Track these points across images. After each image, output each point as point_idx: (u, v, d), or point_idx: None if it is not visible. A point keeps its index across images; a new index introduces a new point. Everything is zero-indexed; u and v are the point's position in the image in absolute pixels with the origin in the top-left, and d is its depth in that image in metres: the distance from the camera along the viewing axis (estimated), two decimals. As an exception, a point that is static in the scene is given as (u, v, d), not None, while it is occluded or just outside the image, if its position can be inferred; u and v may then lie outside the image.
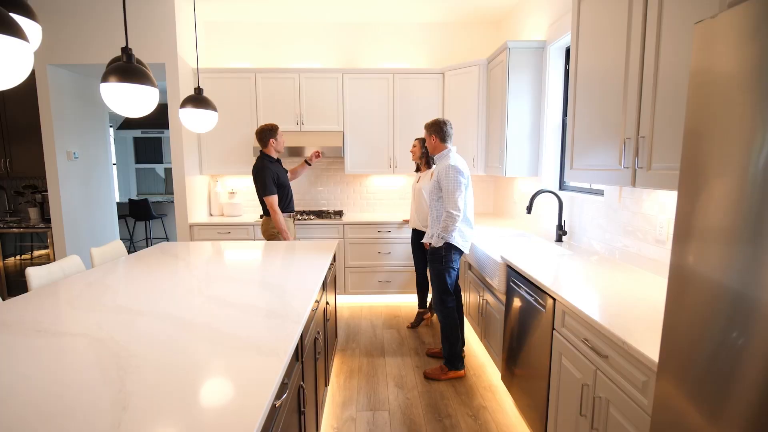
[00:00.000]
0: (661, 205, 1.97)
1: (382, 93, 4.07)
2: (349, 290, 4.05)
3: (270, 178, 3.16)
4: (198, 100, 2.24)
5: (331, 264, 2.66)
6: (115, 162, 7.89)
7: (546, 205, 3.19)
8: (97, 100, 4.50)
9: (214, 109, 2.32)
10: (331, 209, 4.48)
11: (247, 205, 4.52)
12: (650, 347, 1.21)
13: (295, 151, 3.94)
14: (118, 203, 6.73)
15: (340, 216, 4.08)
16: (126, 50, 1.62)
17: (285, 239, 3.29)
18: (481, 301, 2.93)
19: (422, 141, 3.31)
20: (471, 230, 2.71)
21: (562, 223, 2.86)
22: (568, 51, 3.12)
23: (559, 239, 2.84)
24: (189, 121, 2.25)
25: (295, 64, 4.37)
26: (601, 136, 1.92)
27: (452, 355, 2.74)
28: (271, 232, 3.31)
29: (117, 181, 8.06)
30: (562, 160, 3.23)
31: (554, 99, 3.20)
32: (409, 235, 3.96)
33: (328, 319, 2.40)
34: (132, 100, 1.57)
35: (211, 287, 1.84)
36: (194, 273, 2.09)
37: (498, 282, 2.48)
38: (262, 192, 3.21)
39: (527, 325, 2.11)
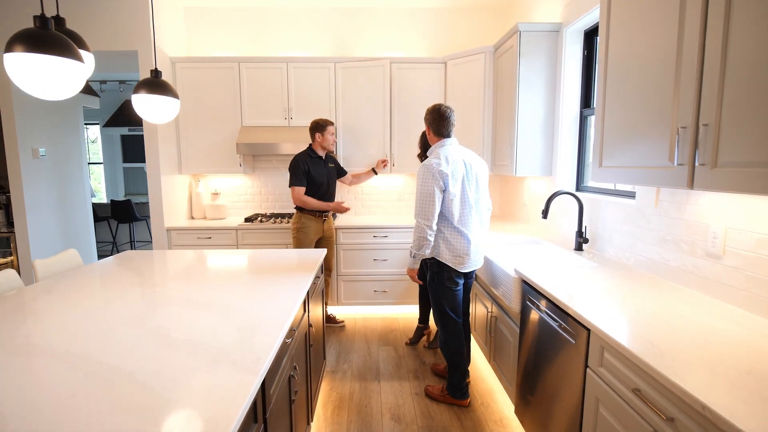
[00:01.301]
0: (715, 211, 1.61)
1: (378, 84, 3.70)
2: (342, 301, 3.69)
3: (300, 169, 3.12)
4: (154, 84, 1.88)
5: (317, 277, 2.30)
6: (101, 161, 7.54)
7: (562, 209, 2.82)
8: (69, 93, 4.13)
9: (174, 95, 1.96)
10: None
11: (232, 207, 4.16)
12: (740, 410, 0.86)
13: (271, 149, 3.57)
14: (101, 204, 6.38)
15: (334, 218, 3.71)
16: (41, 17, 1.26)
17: (339, 209, 3.30)
18: (489, 317, 2.57)
19: (424, 134, 2.96)
20: (468, 240, 2.24)
21: (583, 230, 2.50)
22: (587, 34, 2.76)
23: (578, 248, 2.48)
24: (144, 109, 1.89)
25: (283, 52, 4.01)
26: (642, 127, 1.56)
27: (451, 384, 2.39)
28: (294, 234, 3.22)
29: (105, 181, 7.72)
30: (580, 157, 2.87)
31: (571, 88, 2.83)
32: (409, 241, 3.60)
33: (311, 345, 2.04)
34: (47, 76, 1.21)
35: (158, 315, 1.48)
36: (145, 293, 1.73)
37: (511, 300, 2.11)
38: (290, 181, 3.17)
39: (550, 355, 1.75)
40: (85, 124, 7.07)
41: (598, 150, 1.86)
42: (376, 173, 3.72)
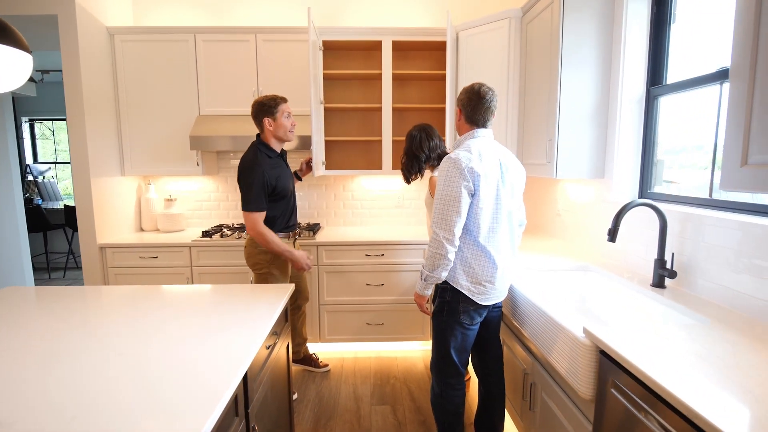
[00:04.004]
0: None
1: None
2: (326, 336, 2.91)
3: (260, 183, 2.08)
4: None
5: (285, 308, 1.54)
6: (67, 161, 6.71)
7: (629, 226, 2.05)
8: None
9: (22, 47, 1.18)
10: (302, 222, 3.33)
11: (193, 217, 3.37)
12: None
13: (236, 143, 2.77)
14: (55, 210, 5.57)
15: (314, 232, 2.94)
16: None
17: (294, 259, 2.21)
18: (525, 378, 1.80)
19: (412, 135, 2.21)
20: (494, 264, 1.59)
21: (669, 258, 1.74)
22: (659, -18, 2.00)
23: (659, 284, 1.71)
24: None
25: (251, 21, 3.21)
26: None
27: None
28: (256, 260, 2.22)
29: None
30: (645, 154, 2.10)
31: (634, 60, 2.07)
32: (413, 260, 2.83)
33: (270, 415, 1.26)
34: None
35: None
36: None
37: (578, 376, 1.34)
38: (242, 202, 2.12)
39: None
40: (32, 119, 6.23)
41: (739, 137, 1.10)
42: (299, 179, 2.67)
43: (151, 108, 2.98)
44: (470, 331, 1.66)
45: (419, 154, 2.16)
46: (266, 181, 2.09)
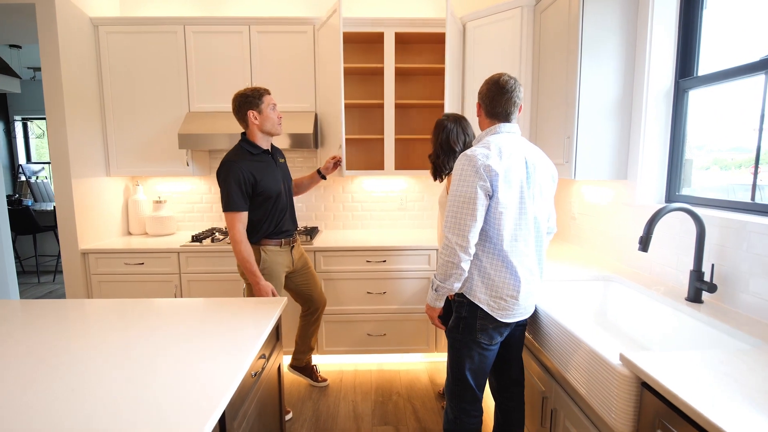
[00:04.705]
0: None
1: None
2: (324, 348, 2.72)
3: (237, 181, 1.91)
4: None
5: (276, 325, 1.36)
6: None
7: (658, 232, 1.86)
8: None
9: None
10: (300, 225, 3.15)
11: (184, 220, 3.19)
12: None
13: (229, 142, 2.60)
14: (46, 212, 5.39)
15: (311, 236, 2.75)
16: None
17: (256, 290, 1.98)
18: (546, 407, 1.61)
19: (444, 123, 2.02)
20: (517, 277, 1.40)
21: (705, 270, 1.55)
22: (690, -36, 1.81)
23: (695, 298, 1.53)
24: None
25: (245, 11, 3.03)
26: None
27: None
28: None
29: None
30: (673, 153, 1.92)
31: (662, 50, 1.89)
32: (417, 267, 2.65)
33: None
34: None
35: None
36: None
37: (613, 409, 1.15)
38: (221, 203, 1.95)
39: None
40: (25, 118, 6.06)
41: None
42: (324, 177, 2.48)
43: (138, 104, 2.80)
44: (489, 352, 1.47)
45: (455, 147, 1.91)
46: (243, 178, 1.91)
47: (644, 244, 1.47)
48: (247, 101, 1.95)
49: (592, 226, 2.35)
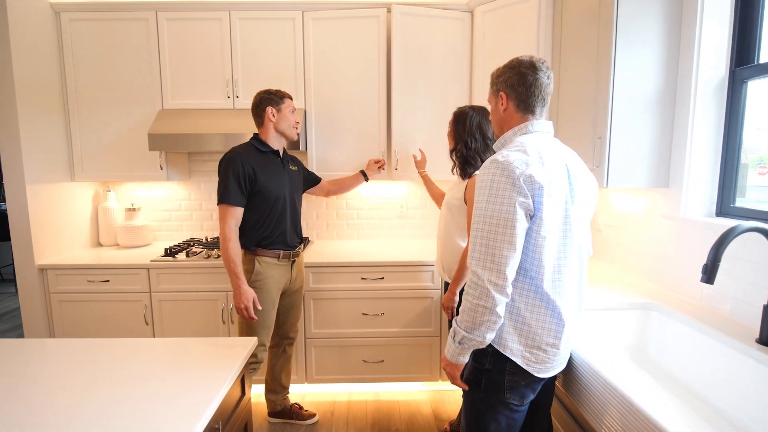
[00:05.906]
0: None
1: (370, 44, 2.43)
2: (313, 376, 2.41)
3: (236, 173, 1.77)
4: None
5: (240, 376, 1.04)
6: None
7: (702, 249, 1.55)
8: None
9: None
10: (290, 235, 2.83)
11: (161, 229, 2.88)
12: None
13: (207, 143, 2.30)
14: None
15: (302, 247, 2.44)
16: None
17: (236, 294, 1.77)
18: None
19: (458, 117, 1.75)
20: (560, 320, 1.07)
21: (784, 306, 1.24)
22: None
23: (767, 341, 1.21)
24: None
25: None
26: None
27: None
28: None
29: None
30: (726, 156, 1.60)
31: (714, 35, 1.57)
32: (419, 285, 2.33)
33: None
34: None
35: None
36: None
37: None
38: (217, 194, 1.82)
39: None
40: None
41: None
42: (366, 179, 2.43)
43: (106, 100, 2.49)
44: (518, 414, 1.15)
45: (488, 134, 1.74)
46: (242, 171, 1.77)
47: (709, 274, 1.15)
48: (270, 98, 1.89)
49: (622, 241, 2.03)
